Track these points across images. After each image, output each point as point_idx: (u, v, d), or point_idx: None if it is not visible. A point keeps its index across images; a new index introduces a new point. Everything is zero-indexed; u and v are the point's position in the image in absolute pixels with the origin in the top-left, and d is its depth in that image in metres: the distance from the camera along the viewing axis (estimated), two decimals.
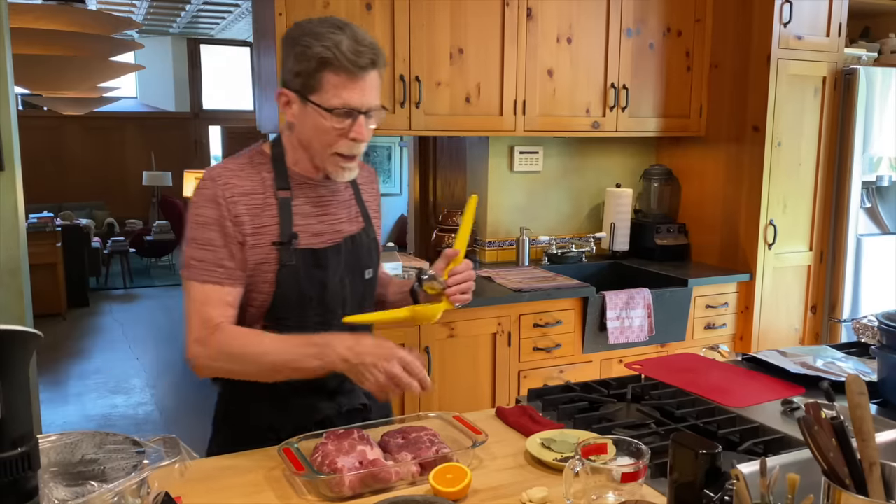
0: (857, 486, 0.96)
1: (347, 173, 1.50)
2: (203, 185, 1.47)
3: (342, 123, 1.42)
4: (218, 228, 1.44)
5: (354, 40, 1.38)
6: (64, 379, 5.36)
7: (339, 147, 1.44)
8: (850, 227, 3.48)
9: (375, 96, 1.44)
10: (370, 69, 1.40)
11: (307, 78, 1.40)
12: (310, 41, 1.38)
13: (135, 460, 0.94)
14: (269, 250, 1.46)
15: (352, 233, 1.58)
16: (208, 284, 1.43)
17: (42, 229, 6.93)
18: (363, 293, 1.61)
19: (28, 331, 0.82)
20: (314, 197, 1.53)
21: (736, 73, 3.43)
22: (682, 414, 1.61)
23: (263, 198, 1.48)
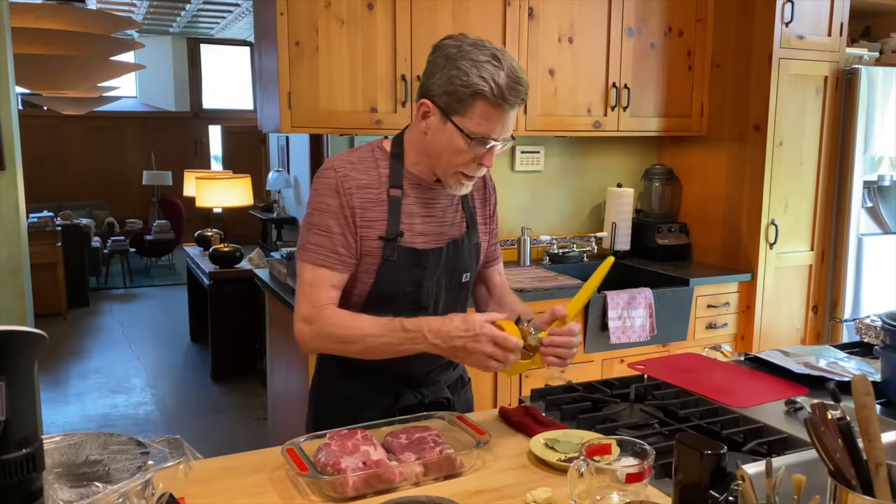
0: (863, 487, 0.95)
1: (465, 189, 1.56)
2: (325, 174, 1.55)
3: (477, 150, 1.47)
4: (337, 216, 1.51)
5: (511, 76, 1.42)
6: (64, 379, 5.36)
7: (466, 168, 1.51)
8: (852, 227, 3.48)
9: (511, 128, 1.50)
10: (517, 105, 1.46)
11: (457, 101, 1.44)
12: (468, 67, 1.42)
13: (139, 461, 0.94)
14: (375, 244, 1.54)
15: (454, 237, 1.63)
16: (321, 268, 1.51)
17: (42, 229, 6.92)
18: (458, 294, 1.67)
19: (33, 331, 0.82)
20: (424, 198, 1.59)
21: (737, 73, 3.43)
22: (686, 414, 1.61)
23: (377, 193, 1.54)
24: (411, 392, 1.64)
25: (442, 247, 1.60)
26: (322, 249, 1.52)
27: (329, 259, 1.52)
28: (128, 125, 11.15)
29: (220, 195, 5.71)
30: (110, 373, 5.49)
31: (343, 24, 2.81)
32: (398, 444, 1.38)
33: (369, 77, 2.87)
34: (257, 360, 5.21)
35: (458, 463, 1.35)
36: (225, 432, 4.32)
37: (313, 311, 1.51)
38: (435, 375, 1.67)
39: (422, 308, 1.59)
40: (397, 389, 1.63)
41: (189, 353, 6.05)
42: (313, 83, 2.79)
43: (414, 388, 1.64)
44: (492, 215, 1.77)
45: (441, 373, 1.69)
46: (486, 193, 1.76)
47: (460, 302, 1.69)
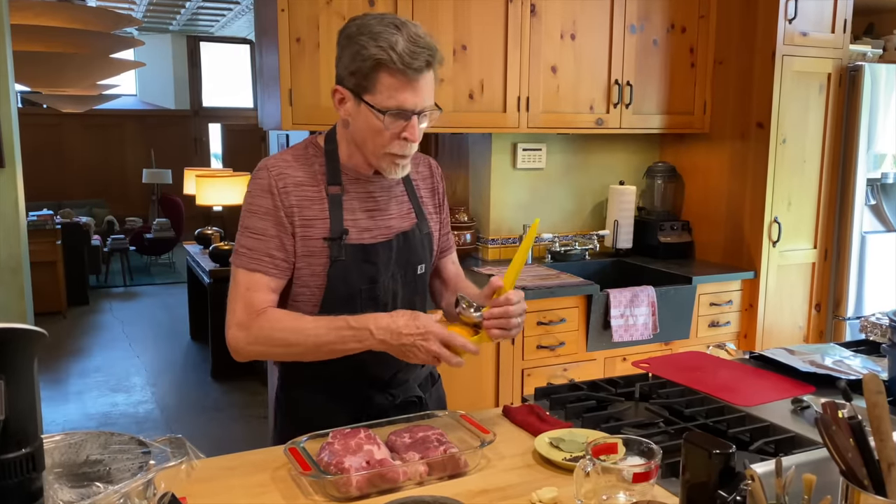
0: (875, 487, 0.94)
1: (400, 170, 1.50)
2: (258, 174, 1.49)
3: (395, 124, 1.41)
4: (270, 218, 1.46)
5: (410, 41, 1.37)
6: (64, 377, 5.35)
7: (391, 147, 1.44)
8: (855, 225, 3.47)
9: (429, 96, 1.43)
10: (425, 70, 1.39)
11: (362, 78, 1.40)
12: (366, 41, 1.37)
13: (140, 461, 0.92)
14: (318, 244, 1.48)
15: (403, 229, 1.58)
16: (256, 273, 1.46)
17: (42, 227, 6.90)
18: (415, 287, 1.62)
19: (32, 329, 0.80)
20: (364, 193, 1.54)
21: (740, 70, 3.41)
22: (691, 413, 1.59)
23: (315, 190, 1.49)
24: (380, 394, 1.58)
25: (391, 239, 1.55)
26: (255, 253, 1.46)
27: (262, 263, 1.46)
28: (128, 123, 11.13)
29: (220, 193, 5.69)
30: (110, 371, 5.48)
31: (344, 20, 2.77)
32: (402, 443, 1.36)
33: None
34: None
35: (463, 462, 1.34)
36: (225, 431, 4.31)
37: (248, 315, 1.44)
38: (403, 375, 1.61)
39: (380, 305, 1.54)
40: (366, 393, 1.57)
41: (189, 351, 6.04)
42: (314, 80, 2.77)
43: (382, 389, 1.59)
44: (441, 204, 1.72)
45: (409, 372, 1.62)
46: (434, 182, 1.71)
47: (419, 295, 1.64)
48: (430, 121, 1.47)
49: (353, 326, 1.39)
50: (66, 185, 10.50)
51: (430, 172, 1.71)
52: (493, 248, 3.57)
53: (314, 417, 1.52)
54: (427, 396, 1.68)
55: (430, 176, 1.71)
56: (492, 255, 3.57)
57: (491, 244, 3.56)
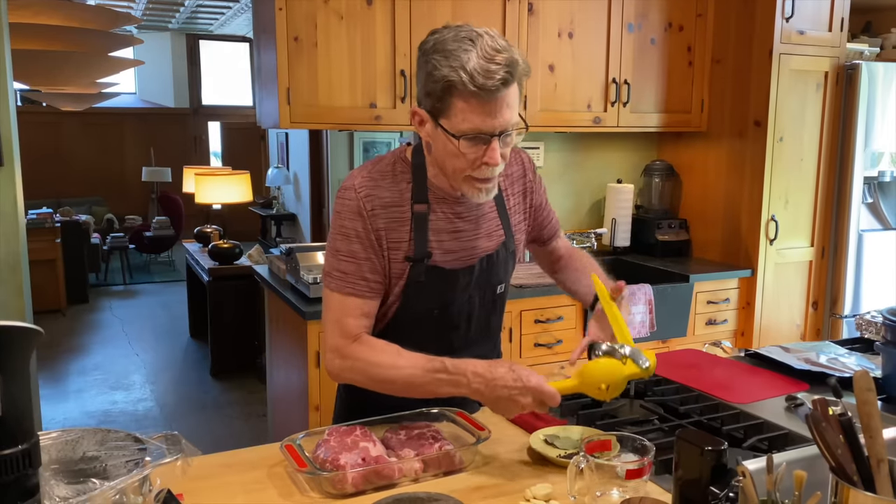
0: (864, 483, 0.95)
1: (484, 195, 1.41)
2: (345, 195, 1.43)
3: (473, 149, 1.33)
4: (362, 240, 1.41)
5: (485, 57, 1.26)
6: (63, 375, 5.35)
7: (472, 171, 1.36)
8: (852, 223, 3.48)
9: (510, 114, 1.32)
10: (502, 89, 1.27)
11: (436, 100, 1.31)
12: (438, 59, 1.28)
13: (136, 457, 0.93)
14: (401, 265, 1.44)
15: (489, 250, 1.52)
16: (350, 297, 1.42)
17: (41, 225, 6.91)
18: (493, 307, 1.59)
19: (28, 327, 0.81)
20: (451, 213, 1.47)
21: (738, 69, 3.42)
22: (686, 410, 1.60)
23: (402, 211, 1.43)
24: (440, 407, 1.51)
25: (474, 265, 1.49)
26: (349, 277, 1.41)
27: (357, 287, 1.42)
28: (127, 121, 11.13)
29: (220, 191, 5.70)
30: (110, 369, 5.49)
31: (342, 19, 2.80)
32: (397, 440, 1.37)
33: (368, 72, 2.86)
34: (257, 356, 5.20)
35: (458, 459, 1.34)
36: (224, 429, 4.32)
37: (343, 341, 1.41)
38: None
39: (453, 327, 1.51)
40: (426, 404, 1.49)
41: (188, 349, 6.05)
42: (312, 78, 2.78)
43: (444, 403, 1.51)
44: (540, 203, 1.65)
45: None
46: (527, 182, 1.61)
47: (495, 314, 1.59)
48: (515, 138, 1.38)
49: (449, 371, 1.34)
50: (66, 184, 10.50)
51: (523, 171, 1.61)
52: None
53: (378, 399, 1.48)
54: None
55: (523, 175, 1.61)
56: None
57: None
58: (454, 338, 1.53)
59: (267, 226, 8.28)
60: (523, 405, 1.32)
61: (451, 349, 1.49)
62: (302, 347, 2.68)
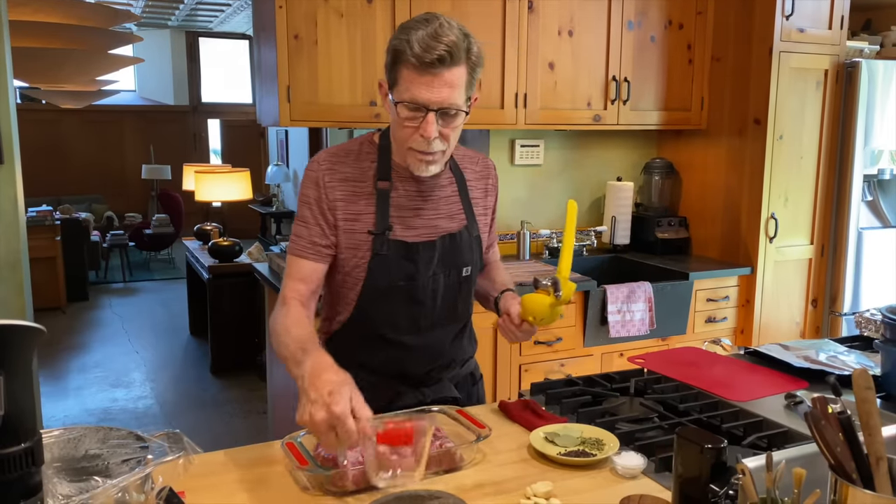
0: (863, 481, 0.95)
1: (424, 167, 1.48)
2: (310, 166, 1.55)
3: (410, 119, 1.41)
4: (312, 208, 1.52)
5: (431, 35, 1.34)
6: (64, 373, 5.36)
7: (411, 142, 1.44)
8: (852, 221, 3.48)
9: (450, 94, 1.38)
10: (439, 66, 1.35)
11: (389, 71, 1.42)
12: (397, 34, 1.40)
13: (138, 455, 0.94)
14: (364, 237, 1.52)
15: (451, 230, 1.59)
16: (297, 258, 1.53)
17: (41, 223, 6.91)
18: (458, 289, 1.62)
19: (31, 325, 0.81)
20: (413, 191, 1.56)
21: (737, 66, 3.42)
22: (686, 408, 1.61)
23: (363, 186, 1.53)
24: (412, 392, 1.60)
25: (435, 240, 1.56)
26: (300, 240, 1.53)
27: (305, 250, 1.52)
28: (126, 119, 11.12)
29: (220, 189, 5.69)
30: (110, 367, 5.49)
31: (342, 17, 2.79)
32: None
33: (368, 70, 2.86)
34: (257, 354, 5.21)
35: (458, 457, 1.35)
36: (224, 426, 4.33)
37: (283, 301, 1.51)
38: (437, 374, 1.62)
39: (418, 303, 1.56)
40: (397, 388, 1.60)
41: (188, 347, 6.05)
42: (312, 76, 2.78)
43: (414, 387, 1.60)
44: (493, 206, 1.73)
45: (444, 371, 1.63)
46: (489, 184, 1.71)
47: (461, 296, 1.64)
48: (461, 122, 1.44)
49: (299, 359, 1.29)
50: (66, 181, 10.50)
51: (487, 173, 1.71)
52: None
53: None
54: (464, 396, 1.68)
55: (486, 177, 1.70)
56: None
57: None
58: (421, 315, 1.57)
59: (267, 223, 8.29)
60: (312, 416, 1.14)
61: (418, 329, 1.57)
62: None
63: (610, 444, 1.40)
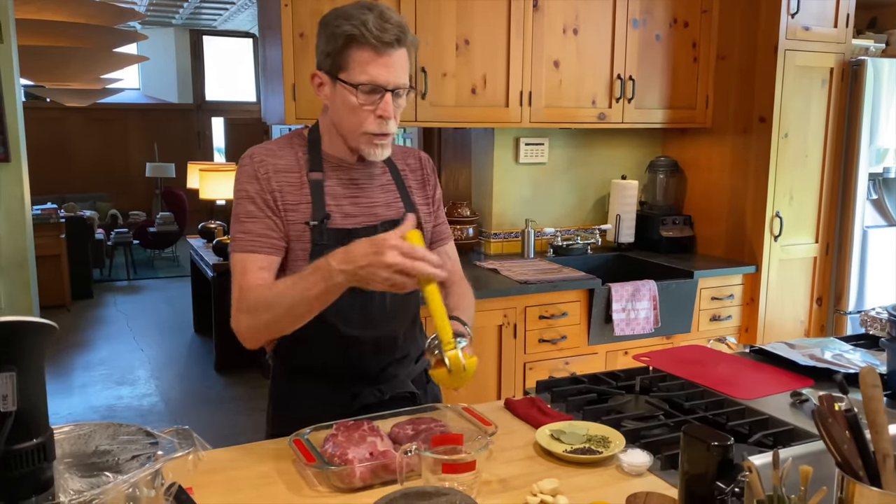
0: (870, 479, 0.96)
1: (379, 150, 1.50)
2: (242, 162, 1.53)
3: (369, 100, 1.43)
4: (258, 200, 1.49)
5: (381, 18, 1.40)
6: (69, 370, 5.37)
7: (367, 126, 1.45)
8: (857, 219, 3.47)
9: (402, 75, 1.44)
10: (395, 46, 1.42)
11: (336, 57, 1.43)
12: (340, 22, 1.41)
13: (148, 451, 0.94)
14: (302, 228, 1.50)
15: (390, 217, 1.57)
16: (249, 254, 1.48)
17: (46, 221, 6.92)
18: None
19: (43, 322, 0.82)
20: (347, 179, 1.55)
21: (743, 65, 3.42)
22: (691, 406, 1.61)
23: (298, 176, 1.52)
24: (369, 389, 1.57)
25: (376, 225, 1.53)
26: (248, 236, 1.48)
27: (256, 243, 1.48)
28: (131, 117, 11.14)
29: (223, 187, 5.71)
30: (115, 364, 5.51)
31: None
32: (405, 434, 1.38)
33: None
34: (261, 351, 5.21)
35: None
36: (228, 423, 4.34)
37: (239, 298, 1.46)
38: (392, 370, 1.59)
39: (367, 293, 1.46)
40: (354, 389, 1.56)
41: (193, 344, 6.06)
42: None
43: (371, 384, 1.57)
44: (433, 196, 1.70)
45: (399, 367, 1.61)
46: (424, 174, 1.69)
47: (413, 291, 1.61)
48: (405, 102, 1.49)
49: (316, 267, 1.34)
50: (70, 179, 10.52)
51: (420, 164, 1.70)
52: (495, 242, 3.58)
53: (303, 411, 1.54)
54: (422, 393, 1.65)
55: (420, 168, 1.69)
56: (494, 249, 3.58)
57: (493, 238, 3.58)
58: (371, 307, 1.53)
59: None
60: (388, 264, 1.23)
61: (370, 320, 1.54)
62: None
63: (616, 441, 1.41)
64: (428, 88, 2.94)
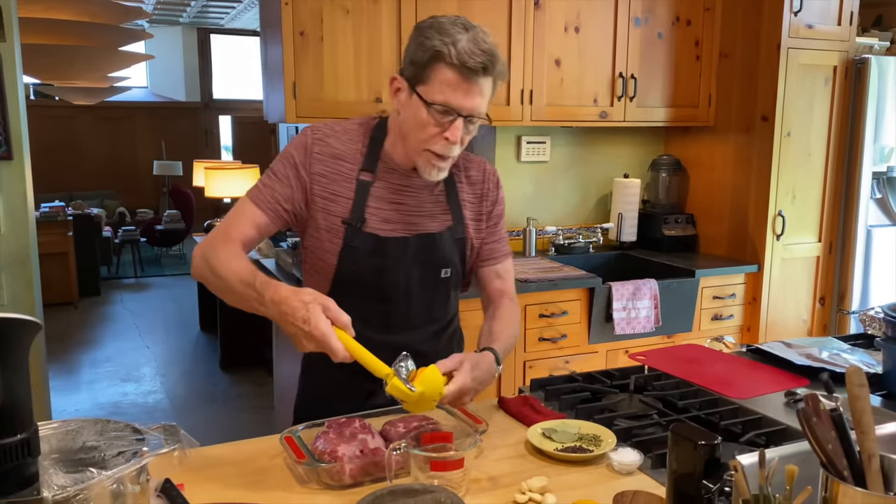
0: (855, 479, 0.95)
1: (436, 172, 1.47)
2: (304, 131, 1.52)
3: (440, 121, 1.40)
4: (291, 169, 1.50)
5: (473, 41, 1.36)
6: (75, 367, 5.41)
7: (432, 144, 1.42)
8: (860, 218, 3.46)
9: (481, 103, 1.41)
10: (481, 74, 1.37)
11: (419, 68, 1.39)
12: (432, 34, 1.38)
13: (134, 447, 0.95)
14: (338, 222, 1.50)
15: (430, 230, 1.55)
16: (254, 204, 1.49)
17: (54, 218, 6.97)
18: (436, 289, 1.59)
19: (28, 319, 0.83)
20: (398, 184, 1.53)
21: (745, 63, 3.40)
22: (685, 405, 1.61)
23: (350, 168, 1.51)
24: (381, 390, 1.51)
25: (408, 237, 1.52)
26: (266, 190, 1.50)
27: (265, 201, 1.48)
28: (139, 115, 11.18)
29: (229, 185, 5.72)
30: (121, 361, 5.54)
31: (348, 13, 2.80)
32: (396, 432, 1.38)
33: (374, 67, 2.87)
34: (265, 349, 5.24)
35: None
36: (233, 421, 4.36)
37: (219, 237, 1.46)
38: None
39: (387, 300, 1.53)
40: (369, 387, 1.54)
41: (199, 342, 6.09)
42: (318, 73, 2.79)
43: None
44: (490, 213, 1.65)
45: None
46: (485, 189, 1.64)
47: (438, 296, 1.60)
48: (476, 130, 1.45)
49: (256, 288, 1.34)
50: (78, 177, 10.56)
51: (483, 178, 1.65)
52: None
53: (318, 405, 1.57)
54: None
55: (482, 181, 1.64)
56: None
57: None
58: (392, 312, 1.54)
59: None
60: (306, 347, 1.28)
61: (389, 326, 1.53)
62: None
63: (607, 440, 1.41)
64: None
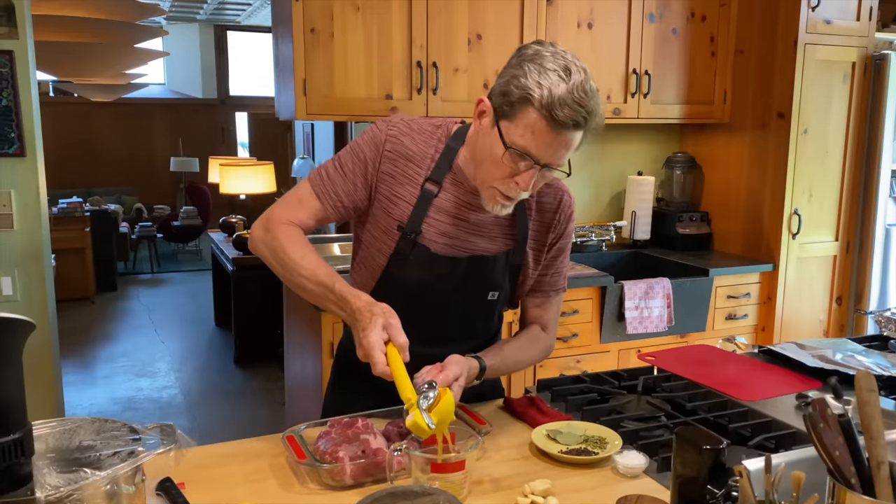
0: (863, 486, 0.93)
1: (499, 208, 1.39)
2: (379, 124, 1.47)
3: (514, 161, 1.31)
4: (360, 166, 1.45)
5: (573, 93, 1.25)
6: (92, 362, 5.46)
7: (500, 183, 1.35)
8: (879, 217, 3.40)
9: (563, 156, 1.32)
10: (571, 128, 1.27)
11: (508, 104, 1.29)
12: (531, 69, 1.27)
13: (131, 447, 0.94)
14: (394, 226, 1.46)
15: (485, 252, 1.48)
16: (314, 195, 1.45)
17: (71, 214, 7.03)
18: (479, 311, 1.55)
19: (20, 318, 0.82)
20: (462, 200, 1.46)
21: (761, 59, 3.35)
22: (693, 407, 1.58)
23: (418, 172, 1.45)
24: None
25: (461, 257, 1.46)
26: (328, 181, 1.45)
27: (327, 193, 1.45)
28: (156, 112, 11.26)
29: (244, 182, 5.75)
30: (136, 356, 5.58)
31: (358, 10, 2.79)
32: (398, 432, 1.37)
33: (384, 64, 2.86)
34: (279, 345, 5.25)
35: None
36: (247, 416, 4.37)
37: (279, 219, 1.44)
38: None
39: (432, 314, 1.48)
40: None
41: (213, 337, 6.12)
42: (328, 70, 2.78)
43: None
44: (553, 243, 1.56)
45: None
46: (556, 219, 1.54)
47: (481, 316, 1.56)
48: (551, 177, 1.39)
49: (336, 294, 1.33)
50: (96, 173, 10.66)
51: (557, 207, 1.54)
52: None
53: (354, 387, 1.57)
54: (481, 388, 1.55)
55: (556, 210, 1.54)
56: None
57: None
58: (432, 326, 1.48)
59: None
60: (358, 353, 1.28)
61: (427, 338, 1.41)
62: (317, 338, 2.70)
63: (613, 442, 1.39)
64: (439, 84, 2.92)
